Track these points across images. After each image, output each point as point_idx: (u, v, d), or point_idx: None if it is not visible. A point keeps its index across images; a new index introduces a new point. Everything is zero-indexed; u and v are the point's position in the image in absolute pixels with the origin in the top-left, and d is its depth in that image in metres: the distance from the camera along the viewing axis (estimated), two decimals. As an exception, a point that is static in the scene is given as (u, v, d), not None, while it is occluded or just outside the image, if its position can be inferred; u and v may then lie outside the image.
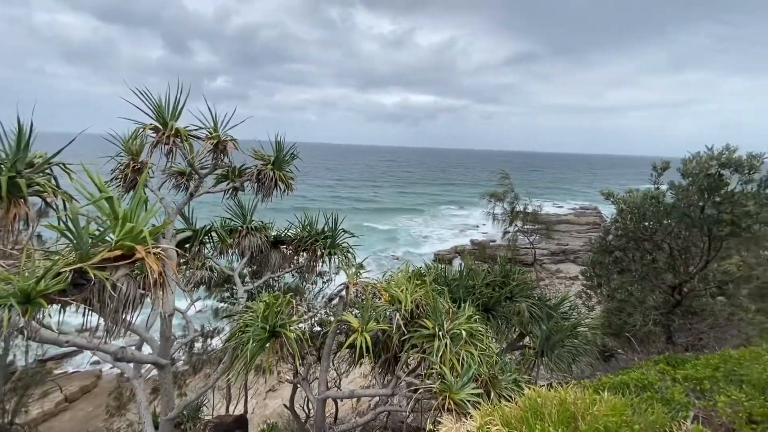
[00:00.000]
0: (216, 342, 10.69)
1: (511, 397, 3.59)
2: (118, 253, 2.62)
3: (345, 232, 5.33)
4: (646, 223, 8.65)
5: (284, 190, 5.07)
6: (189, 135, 4.29)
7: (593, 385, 4.06)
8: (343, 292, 4.47)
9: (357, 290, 4.31)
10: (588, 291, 11.81)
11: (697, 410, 3.14)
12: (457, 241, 44.64)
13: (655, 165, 8.45)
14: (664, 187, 8.38)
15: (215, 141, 4.48)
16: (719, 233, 7.48)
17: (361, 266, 4.99)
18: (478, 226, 52.00)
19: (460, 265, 6.92)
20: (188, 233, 5.16)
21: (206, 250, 5.37)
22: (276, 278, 7.36)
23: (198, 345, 10.84)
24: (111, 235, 2.66)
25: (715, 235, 7.59)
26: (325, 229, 5.34)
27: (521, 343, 6.56)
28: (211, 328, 10.64)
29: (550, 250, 39.72)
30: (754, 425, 2.83)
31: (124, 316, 2.68)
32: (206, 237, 5.29)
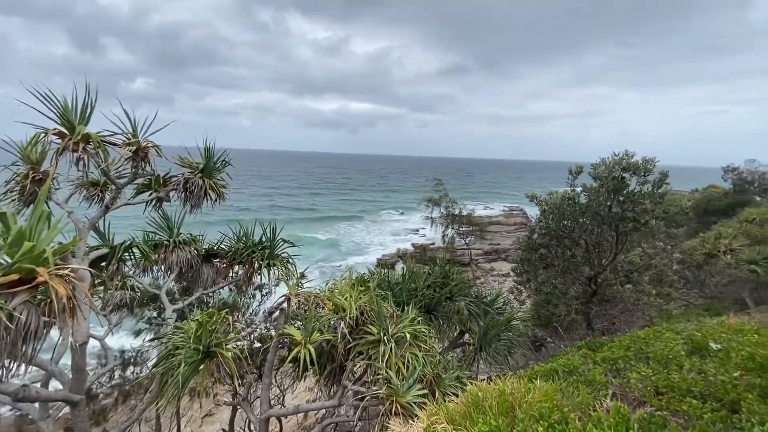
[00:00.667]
0: (143, 369, 9.68)
1: (454, 394, 3.70)
2: (14, 277, 2.26)
3: (284, 242, 5.14)
4: (565, 222, 9.48)
5: (215, 200, 4.75)
6: (102, 141, 3.86)
7: (527, 374, 4.34)
8: (284, 305, 4.29)
9: (299, 301, 4.17)
10: (519, 286, 12.65)
11: (615, 388, 3.48)
12: (398, 245, 45.40)
13: (571, 169, 9.32)
14: (579, 189, 9.26)
15: (134, 147, 4.08)
16: (624, 229, 8.44)
17: (302, 276, 4.83)
18: (418, 230, 53.41)
19: (403, 268, 7.03)
20: (104, 250, 4.62)
21: (127, 268, 4.84)
22: (210, 294, 6.87)
23: (120, 373, 9.68)
24: (5, 257, 2.28)
25: (621, 230, 8.56)
26: (263, 239, 5.09)
27: (461, 341, 6.82)
28: (134, 354, 9.61)
29: (484, 249, 41.96)
30: (661, 396, 3.20)
31: (24, 350, 2.31)
32: (126, 253, 4.78)
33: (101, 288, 4.84)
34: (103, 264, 4.64)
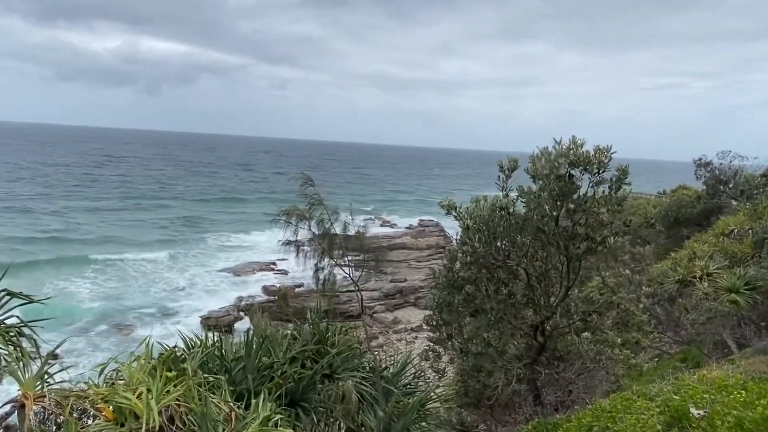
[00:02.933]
0: None
1: None
2: None
3: (10, 295, 4.61)
4: (499, 244, 10.41)
5: None
6: None
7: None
8: (13, 418, 3.85)
9: (44, 409, 3.79)
10: (436, 346, 13.40)
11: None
12: (240, 292, 44.23)
13: (501, 164, 10.26)
14: (513, 194, 10.26)
15: None
16: (576, 250, 9.63)
17: (53, 358, 4.39)
18: (273, 264, 52.89)
19: (248, 332, 6.90)
20: None
21: None
22: None
23: None
24: None
25: (572, 253, 9.74)
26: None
27: (350, 446, 6.91)
28: None
29: (383, 290, 43.59)
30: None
31: None
32: None
33: None
34: None
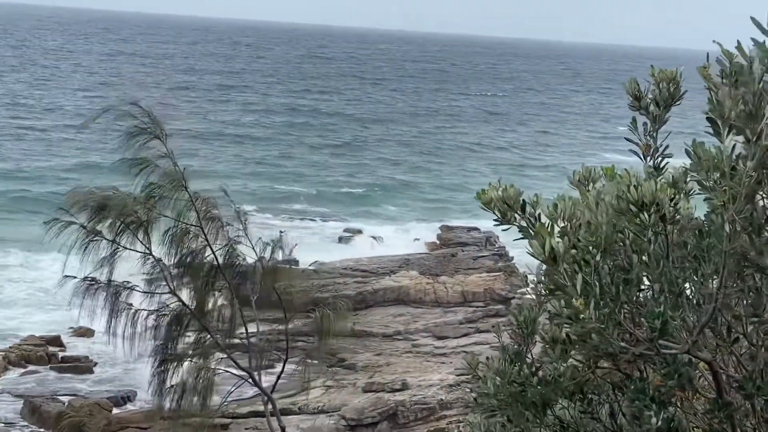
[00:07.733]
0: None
1: None
2: None
3: None
4: (637, 295, 6.23)
5: None
6: None
7: None
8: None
9: None
10: None
11: None
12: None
13: (634, 89, 6.43)
14: (676, 165, 6.39)
15: None
16: None
17: None
18: (57, 345, 34.42)
19: None
20: None
21: None
22: None
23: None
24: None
25: None
26: None
27: None
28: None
29: (344, 415, 35.02)
30: None
31: None
32: None
33: None
34: None
